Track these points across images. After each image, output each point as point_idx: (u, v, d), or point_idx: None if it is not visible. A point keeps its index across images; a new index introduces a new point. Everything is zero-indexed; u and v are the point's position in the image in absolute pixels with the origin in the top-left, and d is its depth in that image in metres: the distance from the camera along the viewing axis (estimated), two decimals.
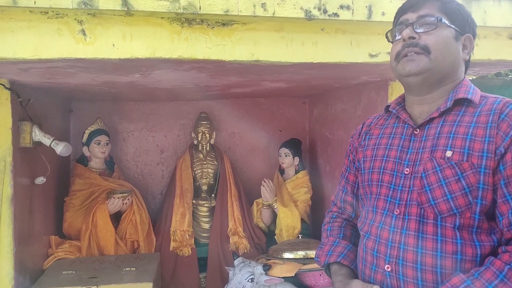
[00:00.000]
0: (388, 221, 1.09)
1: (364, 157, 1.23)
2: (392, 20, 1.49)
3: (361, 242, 1.19)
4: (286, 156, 2.87)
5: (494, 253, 1.00)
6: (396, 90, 2.06)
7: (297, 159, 2.89)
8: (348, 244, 1.26)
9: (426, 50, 1.05)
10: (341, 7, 1.48)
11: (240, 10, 1.40)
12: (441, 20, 1.06)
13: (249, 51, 1.50)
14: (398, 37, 1.12)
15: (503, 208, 0.98)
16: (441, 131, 1.07)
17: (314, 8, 1.46)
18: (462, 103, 1.08)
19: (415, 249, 1.03)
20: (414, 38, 1.07)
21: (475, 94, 1.09)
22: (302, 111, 3.36)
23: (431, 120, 1.10)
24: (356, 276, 1.19)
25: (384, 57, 1.61)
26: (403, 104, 1.20)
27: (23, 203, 1.97)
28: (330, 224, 1.35)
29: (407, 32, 1.07)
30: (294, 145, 2.91)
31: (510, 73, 4.35)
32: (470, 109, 1.07)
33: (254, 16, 1.42)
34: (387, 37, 1.18)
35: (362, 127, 1.32)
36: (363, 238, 1.17)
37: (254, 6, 1.41)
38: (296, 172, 2.91)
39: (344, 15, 1.49)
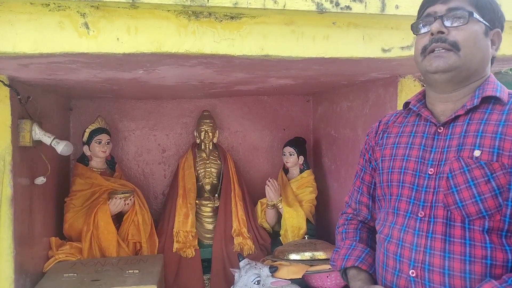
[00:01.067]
0: (412, 224, 1.05)
1: (382, 156, 1.18)
2: (407, 14, 1.46)
3: (381, 245, 1.14)
4: (290, 155, 2.82)
5: None
6: (406, 87, 2.01)
7: (301, 158, 2.84)
8: (366, 248, 1.22)
9: (455, 47, 1.01)
10: None
11: (250, 3, 1.35)
12: (472, 14, 1.01)
13: (259, 46, 1.45)
14: (424, 30, 1.07)
15: None
16: (468, 129, 1.02)
17: (326, 0, 1.40)
18: (489, 100, 1.04)
19: (442, 253, 0.99)
20: (443, 33, 1.02)
21: (503, 91, 1.05)
22: (306, 109, 3.31)
23: (456, 118, 1.05)
24: (375, 282, 1.15)
25: (397, 52, 1.56)
26: (423, 101, 1.16)
27: (23, 204, 1.91)
28: (345, 226, 1.31)
29: (436, 26, 1.02)
30: (298, 144, 2.86)
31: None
32: (497, 106, 1.03)
33: (264, 9, 1.37)
34: (412, 29, 1.12)
35: (378, 125, 1.27)
36: (384, 241, 1.12)
37: None
38: (301, 171, 2.86)
39: (357, 8, 1.43)
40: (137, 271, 2.09)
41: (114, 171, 2.69)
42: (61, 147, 1.98)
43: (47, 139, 1.96)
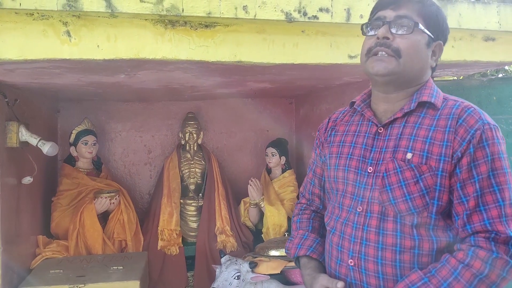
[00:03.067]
0: (352, 218, 1.13)
1: (329, 153, 1.25)
2: None
3: (327, 236, 1.23)
4: (272, 155, 2.91)
5: (449, 247, 1.05)
6: None
7: (283, 158, 2.93)
8: (317, 238, 1.30)
9: (397, 54, 1.06)
10: (321, 9, 1.53)
11: (222, 12, 1.44)
12: (418, 25, 1.06)
13: (232, 52, 1.54)
14: (371, 33, 1.12)
15: (458, 209, 1.03)
16: (403, 132, 1.10)
17: (294, 10, 1.50)
18: (424, 105, 1.11)
19: (376, 244, 1.08)
20: (388, 38, 1.07)
21: (438, 97, 1.11)
22: (289, 111, 3.41)
23: (394, 120, 1.12)
24: (324, 269, 1.23)
25: None
26: (368, 101, 1.22)
27: (10, 203, 1.98)
28: (299, 216, 1.38)
29: (382, 32, 1.07)
30: (280, 145, 2.95)
31: (495, 73, 4.44)
32: (431, 111, 1.09)
33: (236, 18, 1.46)
34: (362, 29, 1.17)
35: (328, 122, 1.33)
36: (329, 233, 1.21)
37: (236, 8, 1.45)
38: (283, 171, 2.96)
39: (324, 17, 1.53)
40: (121, 267, 2.17)
41: (101, 172, 2.77)
42: (47, 148, 2.05)
43: (33, 140, 2.04)
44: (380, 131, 1.14)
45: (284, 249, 2.32)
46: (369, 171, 1.12)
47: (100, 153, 2.85)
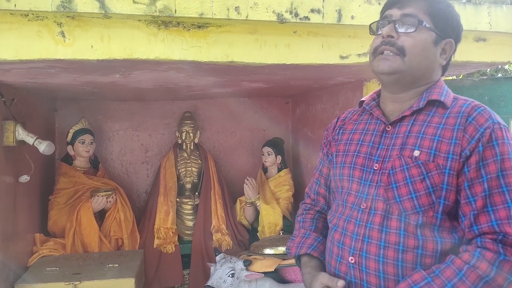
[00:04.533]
0: (355, 215, 1.11)
1: (336, 151, 1.25)
2: (362, 24, 1.57)
3: (329, 234, 1.22)
4: (268, 154, 2.93)
5: (454, 249, 1.02)
6: (371, 90, 2.12)
7: (279, 157, 2.95)
8: (319, 236, 1.28)
9: (401, 52, 1.05)
10: (312, 10, 1.54)
11: (214, 13, 1.46)
12: (422, 23, 1.05)
13: (224, 53, 1.56)
14: (378, 32, 1.12)
15: (465, 209, 1.01)
16: (411, 130, 1.08)
17: (286, 11, 1.52)
18: (434, 104, 1.09)
19: (378, 242, 1.05)
20: (392, 37, 1.06)
21: (448, 96, 1.10)
22: (286, 110, 3.43)
23: (403, 118, 1.11)
24: (325, 268, 1.21)
25: (354, 59, 1.68)
26: (377, 100, 1.22)
27: (7, 201, 2.00)
28: (303, 216, 1.37)
29: (386, 30, 1.07)
30: (276, 144, 2.97)
31: (495, 73, 4.44)
32: (440, 110, 1.08)
33: (228, 19, 1.48)
34: (370, 29, 1.17)
35: (336, 121, 1.34)
36: (331, 230, 1.20)
37: (228, 9, 1.47)
38: (279, 170, 2.98)
39: (315, 18, 1.55)
40: (117, 265, 2.19)
41: (98, 170, 2.80)
42: (43, 147, 2.08)
43: (30, 139, 2.06)
44: (388, 129, 1.13)
45: (278, 247, 2.36)
46: (375, 168, 1.11)
47: (97, 152, 2.87)
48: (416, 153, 1.04)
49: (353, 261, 1.09)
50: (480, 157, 0.99)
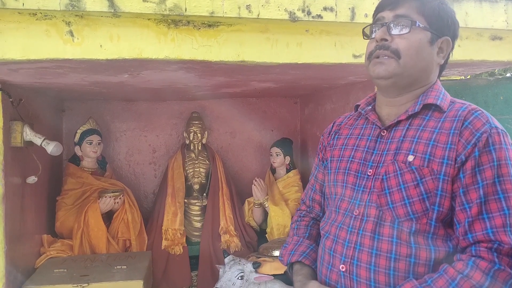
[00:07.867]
0: (347, 221, 1.09)
1: (331, 156, 1.22)
2: None
3: (321, 241, 1.18)
4: (277, 155, 2.90)
5: (448, 258, 0.99)
6: None
7: (288, 158, 2.92)
8: (312, 244, 1.25)
9: (396, 55, 1.03)
10: (325, 8, 1.51)
11: (225, 12, 1.43)
12: (415, 23, 1.03)
13: (235, 52, 1.53)
14: (372, 36, 1.10)
15: (460, 216, 0.97)
16: (406, 134, 1.06)
17: (298, 9, 1.49)
18: (430, 107, 1.07)
19: (370, 250, 1.02)
20: (386, 40, 1.04)
21: (444, 99, 1.07)
22: (294, 111, 3.39)
23: (398, 122, 1.09)
24: (317, 276, 1.17)
25: None
26: (373, 104, 1.20)
27: (15, 202, 1.99)
28: (298, 223, 1.34)
29: (379, 34, 1.05)
30: (285, 145, 2.94)
31: (503, 73, 4.39)
32: (436, 114, 1.05)
33: (239, 17, 1.45)
34: (364, 33, 1.15)
35: (332, 126, 1.31)
36: (323, 237, 1.17)
37: (239, 7, 1.44)
38: (287, 171, 2.95)
39: (328, 16, 1.52)
40: (125, 267, 2.17)
41: (105, 171, 2.78)
42: (51, 148, 2.06)
43: (37, 140, 2.04)
44: (383, 134, 1.11)
45: None
46: (369, 173, 1.09)
47: (104, 153, 2.85)
48: (410, 158, 1.02)
49: (344, 269, 1.06)
50: (476, 163, 0.96)
